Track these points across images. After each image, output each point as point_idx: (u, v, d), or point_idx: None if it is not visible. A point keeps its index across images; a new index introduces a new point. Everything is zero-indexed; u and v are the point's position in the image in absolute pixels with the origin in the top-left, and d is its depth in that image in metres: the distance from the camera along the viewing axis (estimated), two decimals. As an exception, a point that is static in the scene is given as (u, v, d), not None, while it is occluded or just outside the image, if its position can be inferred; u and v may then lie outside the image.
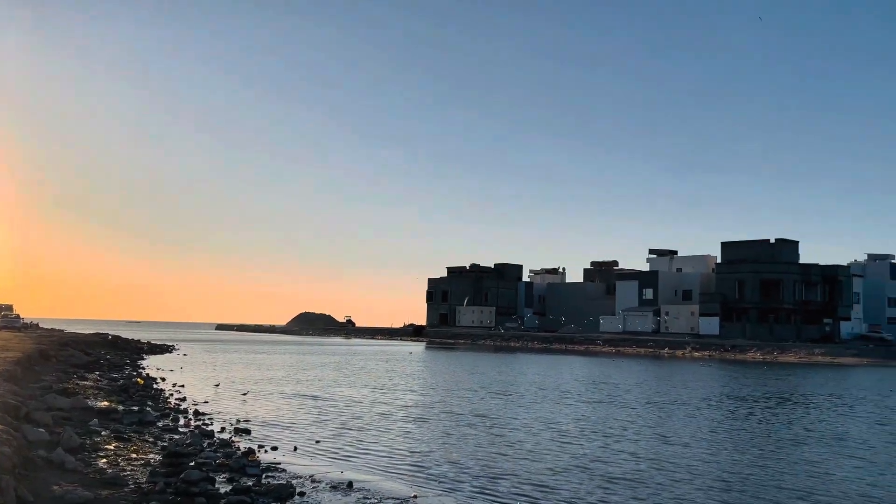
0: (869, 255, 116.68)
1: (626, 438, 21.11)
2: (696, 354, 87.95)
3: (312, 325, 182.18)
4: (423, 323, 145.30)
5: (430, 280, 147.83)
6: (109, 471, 13.34)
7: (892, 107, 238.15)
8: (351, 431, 21.34)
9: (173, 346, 79.69)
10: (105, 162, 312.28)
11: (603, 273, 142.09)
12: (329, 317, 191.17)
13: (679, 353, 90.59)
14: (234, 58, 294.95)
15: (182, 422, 21.69)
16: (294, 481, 14.26)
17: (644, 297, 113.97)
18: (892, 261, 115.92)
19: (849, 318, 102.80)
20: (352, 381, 39.08)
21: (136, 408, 23.11)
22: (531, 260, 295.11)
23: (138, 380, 33.79)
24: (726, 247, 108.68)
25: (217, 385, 34.93)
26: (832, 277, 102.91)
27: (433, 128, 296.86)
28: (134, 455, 15.10)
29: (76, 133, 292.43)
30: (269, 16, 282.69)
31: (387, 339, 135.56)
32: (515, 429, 22.49)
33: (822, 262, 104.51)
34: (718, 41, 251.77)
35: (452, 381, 40.71)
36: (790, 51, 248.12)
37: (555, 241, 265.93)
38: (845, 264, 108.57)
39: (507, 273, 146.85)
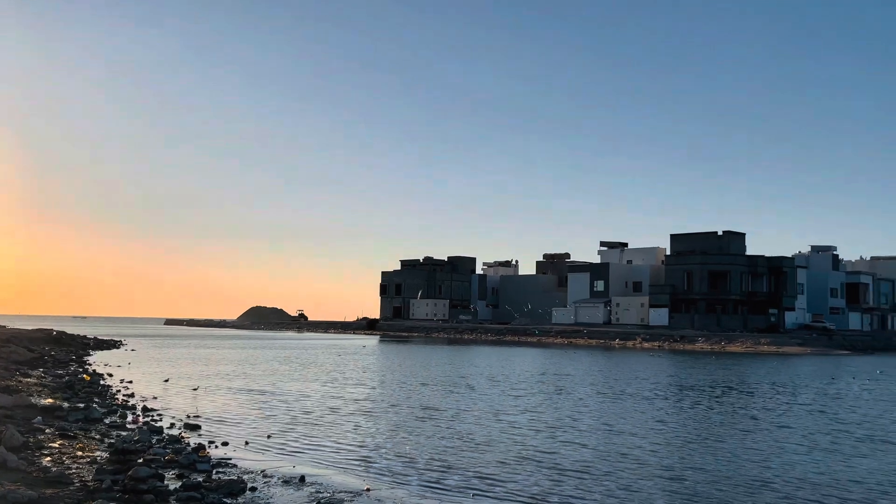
0: (812, 247, 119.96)
1: (575, 429, 21.44)
2: (647, 345, 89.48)
3: (264, 319, 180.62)
4: (377, 316, 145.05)
5: (383, 273, 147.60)
6: (54, 469, 13.12)
7: (835, 103, 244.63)
8: (302, 426, 21.27)
9: (121, 341, 78.26)
10: (47, 152, 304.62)
11: (555, 265, 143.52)
12: (281, 311, 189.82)
13: (630, 343, 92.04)
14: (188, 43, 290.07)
15: (130, 418, 21.38)
16: (245, 476, 14.20)
17: (595, 289, 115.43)
18: (835, 252, 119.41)
19: (793, 309, 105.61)
20: (303, 376, 38.89)
21: (81, 405, 22.71)
22: (484, 253, 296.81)
23: (84, 376, 33.15)
24: (675, 239, 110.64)
25: (166, 380, 34.48)
26: (777, 269, 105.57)
27: (387, 121, 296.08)
28: (80, 453, 14.87)
29: (16, 119, 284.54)
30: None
31: (340, 332, 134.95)
32: (466, 421, 22.66)
33: (767, 254, 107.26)
34: (667, 29, 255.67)
35: (405, 375, 40.77)
36: (737, 42, 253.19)
37: (508, 234, 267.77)
38: (790, 256, 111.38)
39: (461, 266, 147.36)
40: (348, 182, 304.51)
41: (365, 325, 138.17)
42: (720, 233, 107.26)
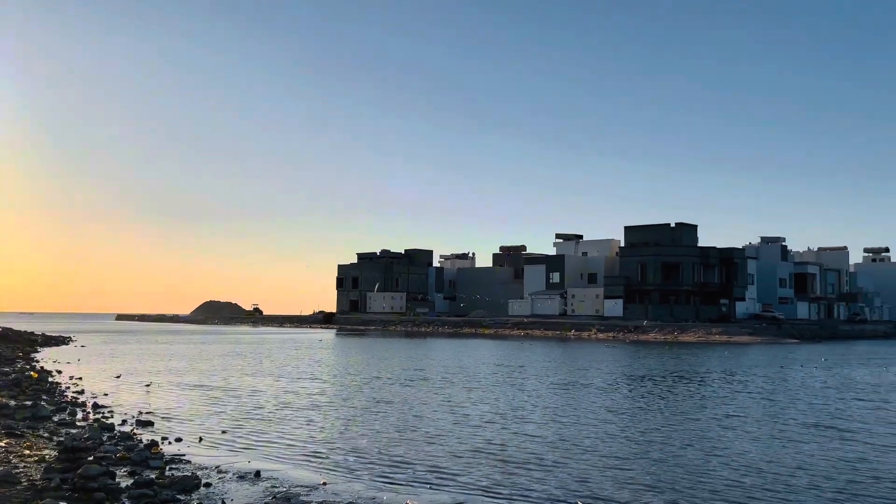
0: (762, 238, 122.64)
1: (528, 420, 21.73)
2: (601, 336, 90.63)
3: (218, 313, 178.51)
4: (334, 310, 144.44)
5: (339, 266, 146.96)
6: (0, 468, 12.92)
7: (783, 96, 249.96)
8: (257, 421, 21.20)
9: (70, 337, 76.76)
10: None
11: (511, 258, 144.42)
12: (235, 305, 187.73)
13: (585, 334, 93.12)
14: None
15: (80, 415, 21.09)
16: (199, 472, 14.14)
17: (551, 281, 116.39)
18: (783, 244, 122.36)
19: (743, 299, 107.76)
20: (258, 371, 38.64)
21: (29, 402, 22.32)
22: (441, 245, 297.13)
23: (31, 373, 32.50)
24: (629, 231, 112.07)
25: (118, 377, 33.99)
26: (728, 260, 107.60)
27: (343, 114, 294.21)
28: (27, 451, 14.64)
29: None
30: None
31: (296, 326, 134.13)
32: (421, 414, 22.81)
33: (719, 246, 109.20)
34: (618, 18, 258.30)
35: (361, 368, 40.77)
36: (688, 32, 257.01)
37: (464, 227, 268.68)
38: (740, 247, 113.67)
39: (418, 259, 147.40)
40: (304, 176, 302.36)
41: (321, 319, 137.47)
42: (673, 225, 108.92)
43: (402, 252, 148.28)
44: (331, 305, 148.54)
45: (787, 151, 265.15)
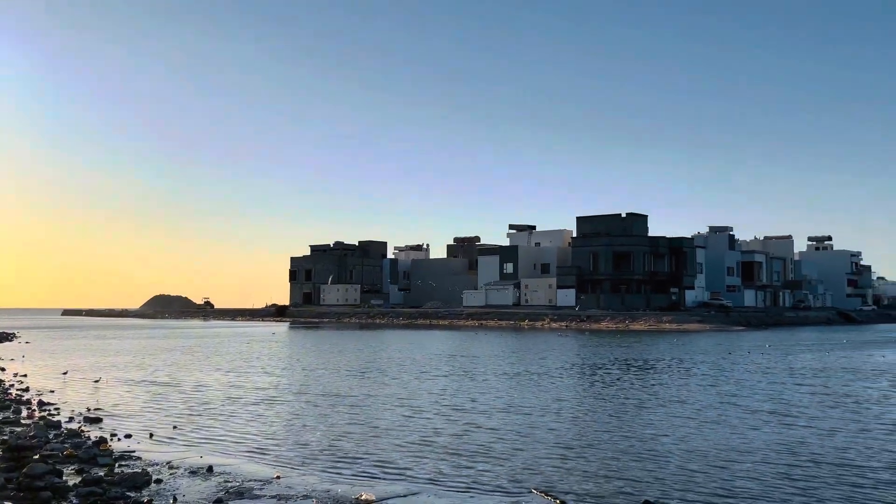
0: (710, 228, 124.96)
1: (479, 411, 21.97)
2: (554, 325, 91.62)
3: (168, 307, 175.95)
4: (287, 303, 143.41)
5: (292, 259, 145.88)
6: (-57, 470, 12.67)
7: (730, 87, 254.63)
8: (208, 416, 21.07)
9: (13, 333, 74.94)
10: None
11: (465, 248, 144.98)
12: (186, 299, 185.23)
13: (538, 324, 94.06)
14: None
15: (25, 413, 20.70)
16: (150, 468, 14.04)
17: (505, 272, 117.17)
18: (731, 233, 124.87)
19: (693, 287, 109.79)
20: (209, 365, 38.29)
21: (-28, 402, 21.81)
22: (395, 237, 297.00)
23: (-25, 372, 31.72)
24: (581, 221, 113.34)
25: (64, 373, 33.37)
26: (678, 249, 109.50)
27: (294, 103, 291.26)
28: (-29, 452, 14.36)
29: None
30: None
31: (248, 320, 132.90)
32: (373, 407, 22.90)
33: (669, 235, 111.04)
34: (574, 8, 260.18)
35: (313, 361, 40.67)
36: (638, 20, 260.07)
37: (419, 219, 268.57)
38: (689, 237, 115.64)
39: (372, 250, 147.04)
40: (256, 166, 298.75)
41: (274, 312, 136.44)
42: (624, 215, 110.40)
43: (356, 244, 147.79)
44: (284, 298, 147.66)
45: (734, 141, 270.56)
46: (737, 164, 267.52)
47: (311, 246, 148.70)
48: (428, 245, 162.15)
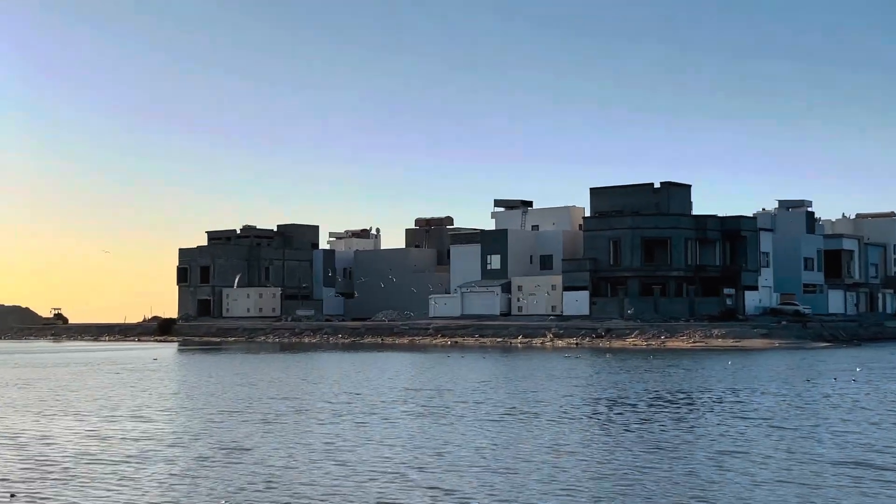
0: (780, 203, 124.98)
1: (446, 468, 21.79)
2: (560, 343, 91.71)
3: (1, 323, 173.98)
4: (175, 314, 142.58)
5: (182, 251, 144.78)
6: None
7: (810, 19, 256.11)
8: (58, 479, 20.94)
9: None
10: None
11: (432, 235, 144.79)
12: (28, 311, 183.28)
13: (537, 341, 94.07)
14: None
15: None
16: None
17: (489, 267, 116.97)
18: (810, 209, 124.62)
19: (756, 287, 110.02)
20: (60, 407, 37.94)
21: None
22: (330, 218, 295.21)
23: None
24: (597, 195, 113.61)
25: None
26: (734, 233, 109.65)
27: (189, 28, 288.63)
28: None
29: None
30: None
31: (119, 340, 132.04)
32: (288, 465, 22.75)
33: (720, 213, 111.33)
34: None
35: (209, 399, 40.53)
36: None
37: (363, 192, 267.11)
38: (751, 215, 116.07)
39: (297, 238, 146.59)
40: (128, 123, 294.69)
41: (157, 329, 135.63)
42: (657, 185, 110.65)
43: (274, 229, 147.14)
44: (171, 308, 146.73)
45: (811, 86, 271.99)
46: (815, 116, 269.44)
47: (208, 233, 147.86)
48: (378, 230, 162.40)
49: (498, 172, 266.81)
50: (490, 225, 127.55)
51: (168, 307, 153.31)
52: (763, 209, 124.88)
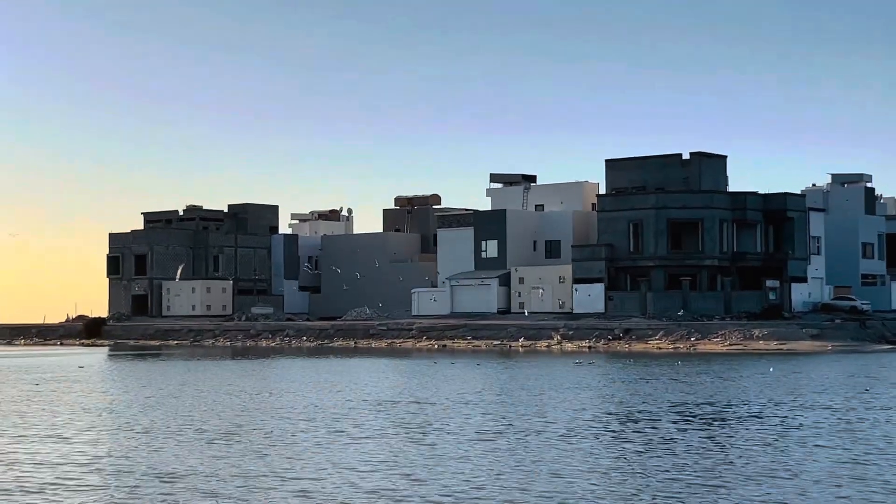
0: (833, 177, 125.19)
1: (428, 500, 21.72)
2: (569, 346, 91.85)
3: None
4: (105, 313, 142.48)
5: (112, 237, 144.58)
6: None
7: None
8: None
9: None
10: None
11: (416, 216, 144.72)
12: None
13: (542, 344, 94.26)
14: None
15: None
16: None
17: (484, 255, 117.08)
18: (869, 185, 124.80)
19: (804, 279, 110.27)
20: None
21: None
22: (292, 197, 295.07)
23: None
24: (614, 168, 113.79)
25: None
26: (779, 213, 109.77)
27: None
28: None
29: None
30: None
31: (38, 344, 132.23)
32: (239, 497, 22.61)
33: (762, 191, 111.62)
34: None
35: (142, 415, 40.52)
36: None
37: (331, 165, 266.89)
38: (799, 193, 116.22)
39: (252, 221, 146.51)
40: (51, 92, 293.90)
41: (83, 330, 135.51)
42: (687, 156, 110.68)
43: (225, 210, 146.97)
44: (101, 306, 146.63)
45: (874, 42, 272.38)
46: (873, 76, 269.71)
47: (144, 214, 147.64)
48: (350, 210, 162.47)
49: (494, 142, 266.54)
50: (485, 205, 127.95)
51: (96, 304, 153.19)
52: (813, 185, 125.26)
